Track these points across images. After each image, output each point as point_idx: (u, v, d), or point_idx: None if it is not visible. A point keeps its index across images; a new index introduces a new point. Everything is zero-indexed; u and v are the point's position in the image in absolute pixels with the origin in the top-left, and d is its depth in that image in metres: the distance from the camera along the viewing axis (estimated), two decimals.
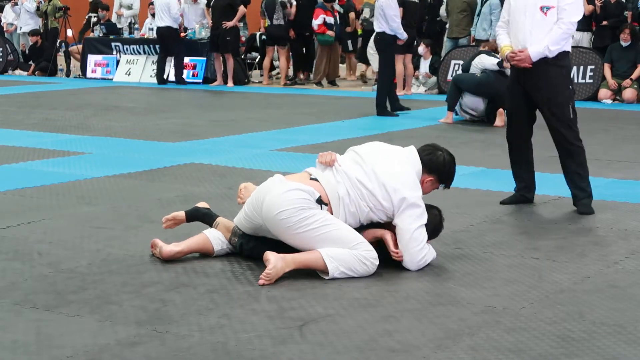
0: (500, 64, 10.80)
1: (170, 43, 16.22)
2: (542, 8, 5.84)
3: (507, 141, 6.27)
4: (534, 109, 6.08)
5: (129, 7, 19.70)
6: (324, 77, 16.25)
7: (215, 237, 4.80)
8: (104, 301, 4.06)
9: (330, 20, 15.57)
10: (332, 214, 4.53)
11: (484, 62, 11.07)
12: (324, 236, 4.41)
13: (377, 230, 4.66)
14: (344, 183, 4.57)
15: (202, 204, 5.09)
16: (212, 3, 15.99)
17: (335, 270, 4.36)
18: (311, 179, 4.62)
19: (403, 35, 11.83)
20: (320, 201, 4.50)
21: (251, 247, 4.71)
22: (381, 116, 11.66)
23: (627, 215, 5.89)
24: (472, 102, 10.98)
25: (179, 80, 16.38)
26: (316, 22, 15.51)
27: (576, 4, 5.90)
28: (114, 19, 19.39)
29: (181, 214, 5.01)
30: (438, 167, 4.72)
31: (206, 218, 4.95)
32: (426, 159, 4.70)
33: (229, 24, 15.74)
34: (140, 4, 20.07)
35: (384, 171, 4.57)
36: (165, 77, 16.59)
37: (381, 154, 4.70)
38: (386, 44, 11.78)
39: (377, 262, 4.44)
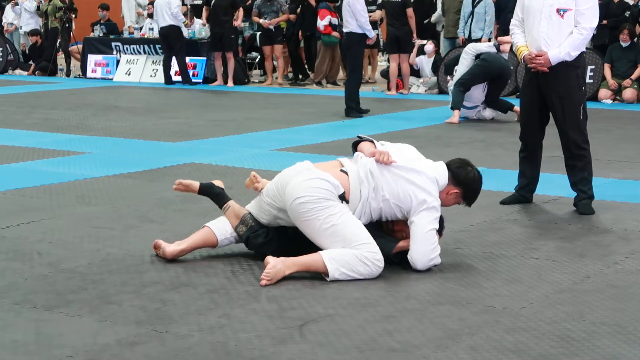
0: (497, 46, 10.83)
1: (174, 42, 16.04)
2: (558, 10, 5.80)
3: (520, 140, 6.25)
4: (547, 109, 6.07)
5: (144, 7, 19.69)
6: (324, 77, 16.22)
7: (218, 228, 4.76)
8: (104, 301, 4.06)
9: (335, 21, 15.49)
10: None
11: (478, 47, 11.09)
12: (334, 229, 4.39)
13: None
14: (367, 183, 4.56)
15: (217, 182, 5.01)
16: (213, 2, 15.95)
17: (335, 272, 4.35)
18: (341, 170, 4.61)
19: (371, 32, 11.74)
20: (342, 197, 4.50)
21: (257, 244, 4.69)
22: (350, 117, 11.50)
23: (627, 215, 5.89)
24: (470, 91, 10.90)
25: (186, 80, 16.29)
26: (322, 23, 15.27)
27: (594, 7, 5.86)
28: (130, 19, 19.36)
29: (195, 184, 4.95)
30: (466, 182, 4.71)
31: (218, 198, 4.87)
32: (456, 171, 4.70)
33: (237, 22, 15.76)
34: None
35: (407, 176, 4.56)
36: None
37: (407, 158, 4.69)
38: (354, 43, 11.68)
39: (381, 265, 4.41)
